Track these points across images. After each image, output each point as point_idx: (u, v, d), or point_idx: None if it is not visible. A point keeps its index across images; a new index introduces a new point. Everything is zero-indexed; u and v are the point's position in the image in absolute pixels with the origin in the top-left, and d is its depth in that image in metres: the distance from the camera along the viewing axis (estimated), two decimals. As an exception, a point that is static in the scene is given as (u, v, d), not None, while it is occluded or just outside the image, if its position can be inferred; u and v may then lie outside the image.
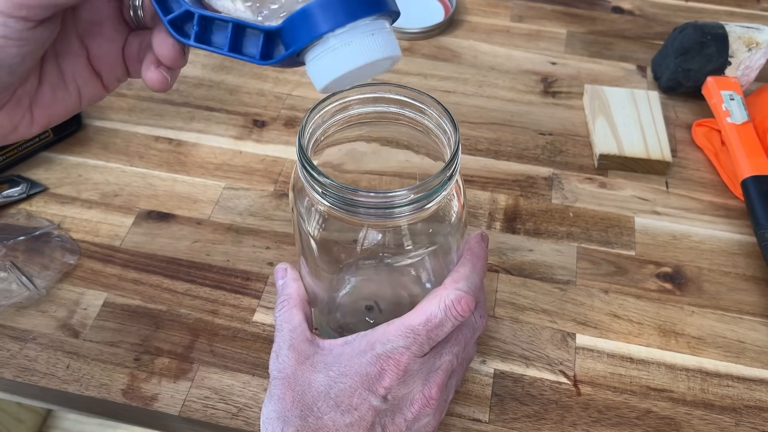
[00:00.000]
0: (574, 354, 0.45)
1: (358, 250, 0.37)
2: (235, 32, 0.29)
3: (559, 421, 0.42)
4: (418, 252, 0.37)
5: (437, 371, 0.36)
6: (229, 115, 0.61)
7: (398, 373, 0.35)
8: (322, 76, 0.29)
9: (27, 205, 0.53)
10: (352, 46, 0.28)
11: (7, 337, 0.45)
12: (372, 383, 0.35)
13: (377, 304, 0.45)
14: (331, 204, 0.33)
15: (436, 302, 0.35)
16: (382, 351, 0.35)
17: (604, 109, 0.60)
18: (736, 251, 0.51)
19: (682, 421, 0.42)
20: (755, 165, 0.53)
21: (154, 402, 0.42)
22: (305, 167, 0.33)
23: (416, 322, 0.35)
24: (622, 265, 0.50)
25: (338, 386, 0.35)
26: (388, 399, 0.35)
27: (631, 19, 0.73)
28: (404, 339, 0.35)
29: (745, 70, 0.59)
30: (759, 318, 0.48)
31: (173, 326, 0.46)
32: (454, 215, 0.37)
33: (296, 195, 0.37)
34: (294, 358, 0.36)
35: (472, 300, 0.35)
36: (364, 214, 0.33)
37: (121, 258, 0.50)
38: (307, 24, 0.28)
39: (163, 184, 0.55)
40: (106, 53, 0.33)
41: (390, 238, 0.37)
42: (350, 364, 0.35)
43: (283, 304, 0.39)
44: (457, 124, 0.35)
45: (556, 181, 0.56)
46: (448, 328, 0.35)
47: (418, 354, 0.35)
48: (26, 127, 0.32)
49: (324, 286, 0.42)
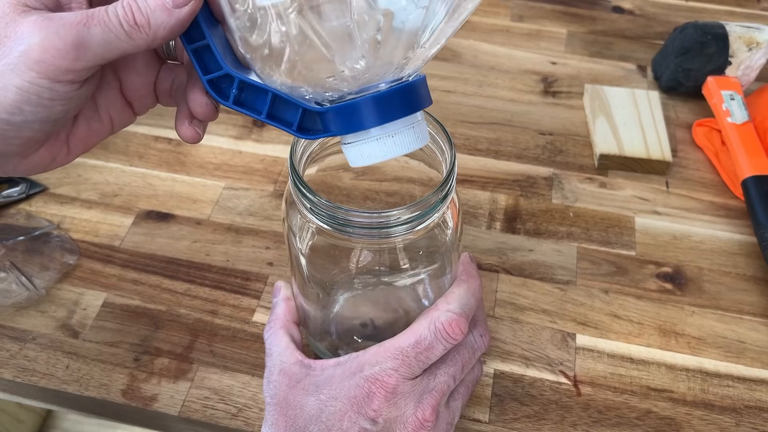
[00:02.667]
0: (575, 354, 0.45)
1: (352, 269, 0.37)
2: (274, 101, 0.30)
3: (559, 421, 0.42)
4: (416, 271, 0.37)
5: (431, 393, 0.35)
6: (228, 114, 0.61)
7: (386, 395, 0.34)
8: (361, 157, 0.30)
9: (26, 205, 0.53)
10: (396, 138, 0.30)
11: (6, 337, 0.45)
12: (361, 406, 0.34)
13: (372, 321, 0.43)
14: (323, 223, 0.33)
15: (426, 324, 0.35)
16: (370, 373, 0.34)
17: (604, 108, 0.60)
18: (736, 251, 0.51)
19: (683, 422, 0.42)
20: (755, 165, 0.53)
21: (153, 402, 0.42)
22: (296, 184, 0.33)
23: (405, 343, 0.34)
24: (622, 265, 0.50)
25: (329, 409, 0.34)
26: (378, 422, 0.34)
27: (632, 19, 0.73)
28: (393, 360, 0.34)
29: (746, 69, 0.59)
30: (759, 318, 0.47)
31: (173, 326, 0.46)
32: (449, 232, 0.36)
33: (288, 208, 0.37)
34: (285, 383, 0.36)
35: (464, 322, 0.35)
36: (356, 234, 0.33)
37: (121, 258, 0.50)
38: (354, 116, 0.29)
39: (162, 184, 0.55)
40: (138, 86, 0.33)
41: (385, 258, 0.36)
42: (340, 387, 0.35)
43: (270, 326, 0.40)
44: (453, 144, 0.34)
45: (556, 181, 0.56)
46: (438, 350, 0.34)
47: (407, 376, 0.34)
48: (63, 158, 0.32)
49: (315, 303, 0.41)
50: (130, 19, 0.27)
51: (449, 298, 0.36)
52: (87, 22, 0.27)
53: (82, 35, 0.27)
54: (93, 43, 0.27)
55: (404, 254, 0.36)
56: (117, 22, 0.27)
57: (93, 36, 0.27)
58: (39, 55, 0.26)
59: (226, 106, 0.30)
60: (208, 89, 0.30)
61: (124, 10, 0.27)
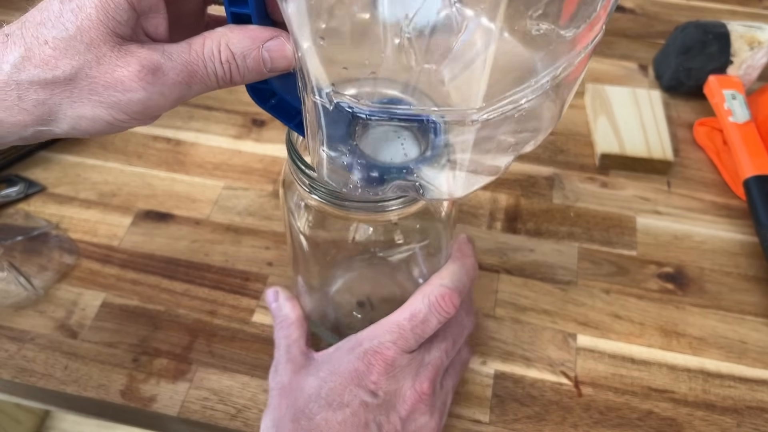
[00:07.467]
0: (575, 355, 0.45)
1: (349, 244, 0.38)
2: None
3: (560, 422, 0.42)
4: (409, 246, 0.38)
5: (427, 366, 0.37)
6: (228, 114, 0.61)
7: (386, 367, 0.35)
8: None
9: (25, 205, 0.53)
10: None
11: (5, 337, 0.45)
12: (361, 378, 0.35)
13: (369, 300, 0.45)
14: (321, 198, 0.34)
15: (420, 298, 0.36)
16: (369, 346, 0.36)
17: (605, 108, 0.59)
18: (738, 251, 0.51)
19: (684, 422, 0.42)
20: (757, 164, 0.53)
21: (152, 403, 0.42)
22: (294, 161, 0.33)
23: (402, 318, 0.36)
24: (623, 265, 0.50)
25: (328, 385, 0.36)
26: (378, 394, 0.35)
27: (633, 18, 0.72)
28: (390, 334, 0.36)
29: (747, 69, 0.59)
30: (761, 318, 0.47)
31: (172, 327, 0.46)
32: (444, 210, 0.38)
33: (286, 190, 0.38)
34: (290, 369, 0.38)
35: (457, 296, 0.36)
36: (353, 208, 0.34)
37: (120, 258, 0.50)
38: None
39: (161, 183, 0.55)
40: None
41: (381, 233, 0.37)
42: (339, 362, 0.36)
43: (282, 324, 0.41)
44: None
45: (557, 180, 0.56)
46: (434, 323, 0.36)
47: (404, 349, 0.36)
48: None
49: (315, 282, 0.42)
50: (227, 78, 0.28)
51: (442, 274, 0.37)
52: (189, 81, 0.28)
53: (184, 93, 0.28)
54: (189, 96, 0.28)
55: (399, 229, 0.37)
56: (215, 80, 0.28)
57: (192, 92, 0.28)
58: (139, 108, 0.28)
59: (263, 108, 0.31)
60: (249, 91, 0.31)
61: (223, 69, 0.28)
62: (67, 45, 0.26)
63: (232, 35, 0.28)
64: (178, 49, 0.28)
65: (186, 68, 0.28)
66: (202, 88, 0.29)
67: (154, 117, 0.29)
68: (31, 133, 0.29)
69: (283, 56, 0.28)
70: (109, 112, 0.28)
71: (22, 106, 0.28)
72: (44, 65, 0.27)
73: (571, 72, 0.28)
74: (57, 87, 0.27)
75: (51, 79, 0.27)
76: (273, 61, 0.28)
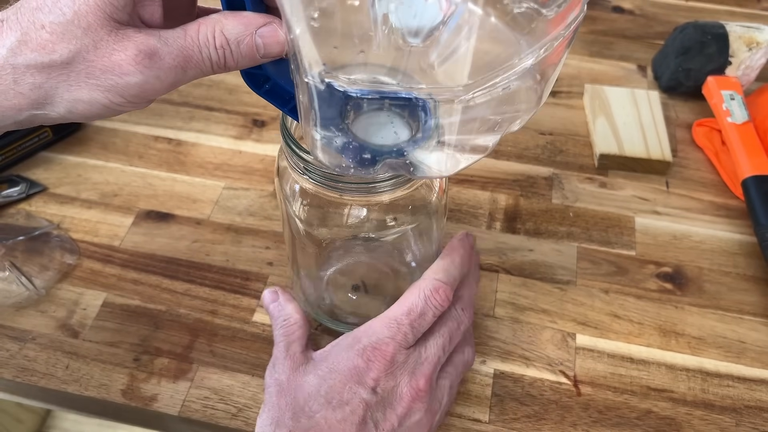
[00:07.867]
0: (575, 354, 0.45)
1: (343, 225, 0.39)
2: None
3: (559, 421, 0.42)
4: (401, 228, 0.39)
5: (423, 363, 0.37)
6: (228, 114, 0.61)
7: (385, 363, 0.36)
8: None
9: (26, 205, 0.53)
10: None
11: (6, 337, 0.45)
12: (361, 375, 0.35)
13: (363, 283, 0.46)
14: (315, 181, 0.34)
15: (416, 293, 0.37)
16: (368, 343, 0.36)
17: (604, 108, 0.60)
18: (736, 251, 0.51)
19: (683, 422, 0.42)
20: (756, 165, 0.53)
21: (153, 402, 0.42)
22: (289, 145, 0.34)
23: (398, 313, 0.36)
24: (622, 265, 0.50)
25: (328, 383, 0.36)
26: (377, 392, 0.35)
27: (632, 19, 0.73)
28: (388, 330, 0.36)
29: (746, 69, 0.59)
30: (759, 318, 0.47)
31: (173, 326, 0.46)
32: (434, 195, 0.39)
33: (280, 178, 0.38)
34: (289, 367, 0.38)
35: (450, 289, 0.37)
36: (346, 191, 0.34)
37: (121, 258, 0.50)
38: None
39: (162, 184, 0.55)
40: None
41: (373, 215, 0.38)
42: (338, 359, 0.36)
43: (284, 322, 0.41)
44: None
45: (556, 180, 0.56)
46: (429, 317, 0.37)
47: (403, 344, 0.36)
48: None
49: (312, 268, 0.43)
50: (221, 63, 0.29)
51: (434, 268, 0.39)
52: (184, 66, 0.28)
53: (179, 77, 0.29)
54: (185, 81, 0.29)
55: (391, 210, 0.38)
56: (209, 65, 0.29)
57: (187, 76, 0.29)
58: (136, 91, 0.28)
59: (257, 93, 0.32)
60: (244, 76, 0.31)
61: (217, 54, 0.29)
62: (65, 29, 0.27)
63: (226, 21, 0.28)
64: (174, 34, 0.28)
65: (181, 53, 0.28)
66: (197, 72, 0.29)
67: (149, 101, 0.29)
68: (26, 117, 0.29)
69: (276, 42, 0.29)
70: (106, 96, 0.28)
71: (18, 89, 0.28)
72: (41, 49, 0.27)
73: (554, 51, 0.28)
74: (54, 71, 0.27)
75: (48, 63, 0.27)
76: (266, 47, 0.29)
